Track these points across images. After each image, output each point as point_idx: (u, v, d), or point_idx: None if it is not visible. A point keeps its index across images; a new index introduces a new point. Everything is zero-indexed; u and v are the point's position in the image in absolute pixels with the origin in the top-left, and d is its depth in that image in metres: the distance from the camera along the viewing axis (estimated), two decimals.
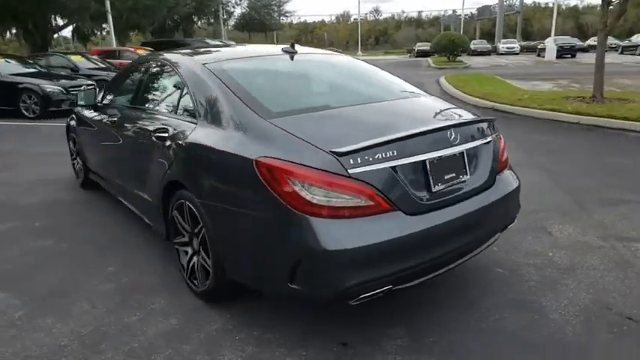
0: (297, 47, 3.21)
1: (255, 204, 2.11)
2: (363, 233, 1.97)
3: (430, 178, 2.20)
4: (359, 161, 2.01)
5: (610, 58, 29.08)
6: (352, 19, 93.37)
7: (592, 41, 37.25)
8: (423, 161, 2.18)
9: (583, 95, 9.85)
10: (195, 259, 2.67)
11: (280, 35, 44.26)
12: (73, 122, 4.72)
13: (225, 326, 2.44)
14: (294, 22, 42.24)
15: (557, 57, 26.73)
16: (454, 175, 2.33)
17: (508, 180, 2.66)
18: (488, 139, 2.55)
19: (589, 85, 12.62)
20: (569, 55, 27.72)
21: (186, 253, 2.75)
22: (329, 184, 1.96)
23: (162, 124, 2.84)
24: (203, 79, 2.67)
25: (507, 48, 35.99)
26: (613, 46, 35.01)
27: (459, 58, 24.87)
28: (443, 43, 23.92)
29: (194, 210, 2.48)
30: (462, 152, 2.36)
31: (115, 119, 3.50)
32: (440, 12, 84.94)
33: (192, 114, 2.64)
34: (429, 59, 29.46)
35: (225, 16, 30.06)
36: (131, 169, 3.32)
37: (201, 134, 2.47)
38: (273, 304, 2.59)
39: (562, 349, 2.21)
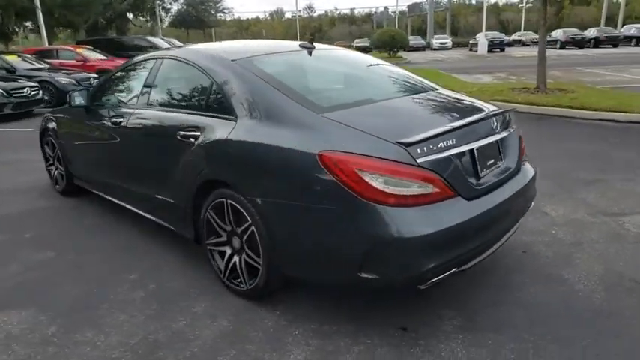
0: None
1: (320, 197, 2.13)
2: (433, 219, 2.06)
3: (477, 164, 2.33)
4: (425, 151, 2.09)
5: (533, 52, 31.47)
6: (286, 15, 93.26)
7: (516, 36, 39.94)
8: (472, 149, 2.30)
9: (527, 86, 10.57)
10: (235, 258, 2.63)
11: (218, 32, 43.28)
12: (52, 125, 4.40)
13: (279, 322, 2.44)
14: (228, 19, 41.49)
15: (488, 51, 28.35)
16: (493, 161, 2.48)
17: (528, 167, 2.87)
18: (514, 128, 2.73)
19: (524, 77, 13.60)
20: (499, 50, 29.50)
21: (223, 253, 2.70)
22: (400, 173, 2.03)
23: (190, 123, 2.75)
24: (238, 76, 2.63)
25: (440, 43, 37.63)
26: (535, 41, 37.68)
27: (398, 54, 25.70)
28: (384, 39, 24.61)
29: (240, 208, 2.45)
30: (498, 140, 2.52)
31: (120, 120, 3.32)
32: (371, 9, 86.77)
33: (226, 111, 2.58)
34: (369, 55, 30.11)
35: (162, 13, 28.95)
36: (145, 171, 3.17)
37: (247, 131, 2.43)
38: (314, 297, 2.62)
39: (595, 316, 2.43)
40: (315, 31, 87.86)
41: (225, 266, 2.69)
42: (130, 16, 23.56)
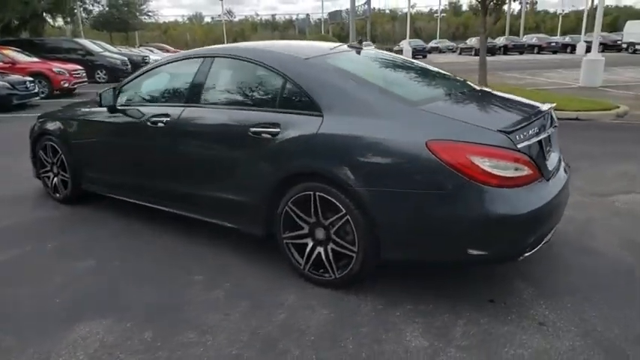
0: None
1: (428, 182, 2.29)
2: (532, 198, 2.31)
3: (544, 151, 2.63)
4: (521, 137, 2.33)
5: (452, 58, 33.87)
6: (205, 20, 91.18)
7: (433, 44, 42.48)
8: (541, 139, 2.59)
9: None
10: (319, 249, 2.70)
11: (142, 35, 41.12)
12: (53, 127, 4.08)
13: (376, 307, 2.55)
14: (153, 22, 39.39)
15: (412, 57, 30.01)
16: (549, 149, 2.80)
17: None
18: (557, 125, 3.06)
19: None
20: (421, 56, 31.29)
21: (304, 245, 2.75)
22: (505, 157, 2.25)
23: (265, 120, 2.76)
24: (319, 73, 2.71)
25: None
26: (450, 47, 40.50)
27: None
28: None
29: (332, 199, 2.53)
30: (551, 134, 2.84)
31: (164, 119, 3.20)
32: (292, 15, 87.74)
33: (309, 107, 2.64)
34: None
35: (84, 15, 26.87)
36: (202, 171, 3.10)
37: (340, 125, 2.51)
38: (396, 280, 2.76)
39: (632, 276, 2.83)
40: (237, 35, 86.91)
41: (307, 258, 2.74)
42: (48, 16, 21.69)
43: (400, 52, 32.53)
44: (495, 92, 3.24)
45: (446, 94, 2.84)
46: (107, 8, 30.98)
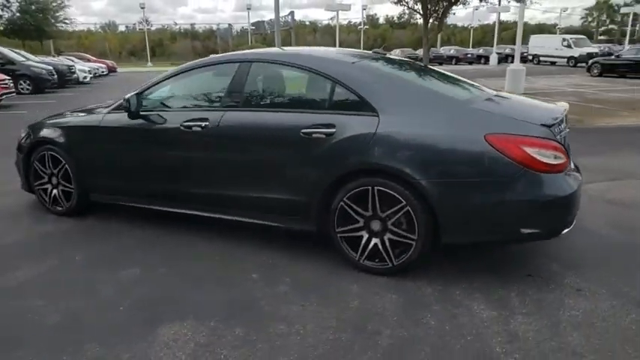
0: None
1: (487, 170, 2.59)
2: (570, 182, 2.70)
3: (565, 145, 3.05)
4: (557, 131, 2.72)
5: None
6: (120, 29, 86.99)
7: None
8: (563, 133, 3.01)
9: None
10: (375, 240, 2.90)
11: (58, 44, 38.12)
12: (55, 136, 3.87)
13: (436, 288, 2.79)
14: (62, 29, 36.43)
15: None
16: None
17: None
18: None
19: None
20: None
21: (359, 238, 2.93)
22: (549, 147, 2.61)
23: (317, 121, 2.91)
24: (370, 76, 2.94)
25: None
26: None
27: None
28: None
29: (391, 192, 2.75)
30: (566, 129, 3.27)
31: (206, 124, 3.22)
32: (212, 25, 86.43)
33: (363, 108, 2.84)
34: None
35: None
36: (248, 173, 3.16)
37: (397, 123, 2.75)
38: (440, 265, 3.03)
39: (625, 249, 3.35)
40: (155, 45, 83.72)
41: (363, 250, 2.93)
42: None
43: None
44: (512, 95, 3.63)
45: (480, 94, 3.17)
46: (18, 14, 28.43)
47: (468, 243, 2.86)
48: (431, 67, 4.07)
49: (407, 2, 11.76)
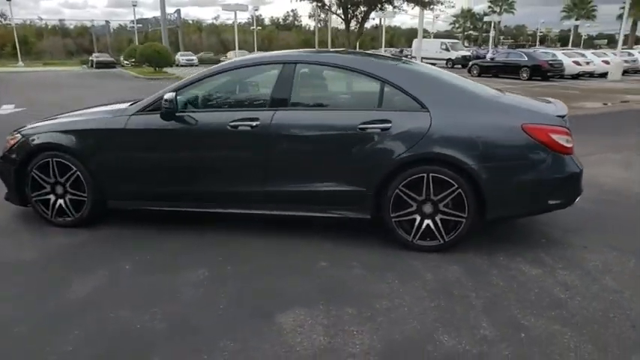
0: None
1: (524, 154, 3.13)
2: (578, 161, 3.35)
3: None
4: (566, 120, 3.36)
5: None
6: None
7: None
8: None
9: None
10: (427, 221, 3.29)
11: None
12: (66, 140, 3.58)
13: (482, 257, 3.26)
14: None
15: None
16: None
17: None
18: None
19: None
20: None
21: (413, 221, 3.30)
22: (566, 133, 3.24)
23: (371, 118, 3.20)
24: (415, 77, 3.33)
25: (187, 60, 38.24)
26: None
27: (164, 70, 25.21)
28: (148, 53, 23.73)
29: (444, 177, 3.16)
30: None
31: (257, 123, 3.30)
32: (84, 21, 79.32)
33: (412, 104, 3.21)
34: (127, 70, 28.38)
35: None
36: (308, 168, 3.33)
37: (447, 117, 3.16)
38: (470, 239, 3.54)
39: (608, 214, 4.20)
40: (19, 42, 74.63)
41: (416, 231, 3.30)
42: None
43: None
44: (514, 94, 4.22)
45: (493, 92, 3.71)
46: None
47: (507, 217, 3.40)
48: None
49: (328, 7, 12.33)
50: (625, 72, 23.66)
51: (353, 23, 12.33)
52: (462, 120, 3.19)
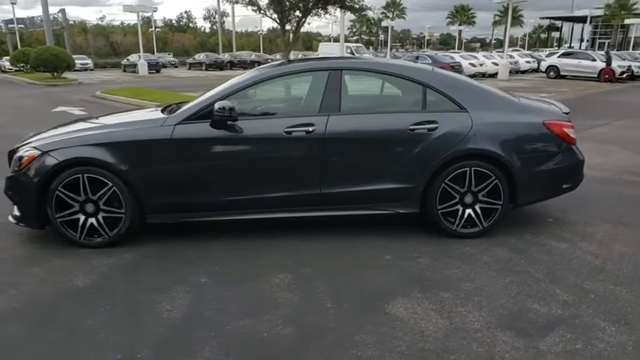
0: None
1: (546, 147, 3.67)
2: (580, 150, 3.97)
3: None
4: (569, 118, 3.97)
5: (188, 73, 33.96)
6: None
7: (153, 58, 41.52)
8: None
9: None
10: (468, 211, 3.67)
11: None
12: (98, 154, 3.35)
13: (516, 240, 3.72)
14: None
15: (147, 72, 29.17)
16: None
17: None
18: None
19: None
20: (155, 71, 30.82)
21: (456, 211, 3.66)
22: (571, 127, 3.82)
23: (420, 119, 3.51)
24: (451, 80, 3.68)
25: (82, 64, 35.14)
26: (173, 62, 40.83)
27: (63, 75, 22.90)
28: (45, 57, 21.38)
29: (484, 170, 3.56)
30: None
31: (313, 129, 3.40)
32: None
33: (452, 106, 3.57)
34: (18, 77, 25.27)
35: None
36: (364, 169, 3.51)
37: (485, 117, 3.56)
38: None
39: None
40: None
41: (459, 221, 3.67)
42: None
43: (132, 66, 31.10)
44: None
45: (506, 92, 4.20)
46: None
47: (532, 202, 3.90)
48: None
49: (264, 10, 12.36)
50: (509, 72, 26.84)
51: (288, 27, 12.52)
52: (496, 119, 3.62)
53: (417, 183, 3.59)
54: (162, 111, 3.82)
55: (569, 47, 58.52)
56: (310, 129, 3.45)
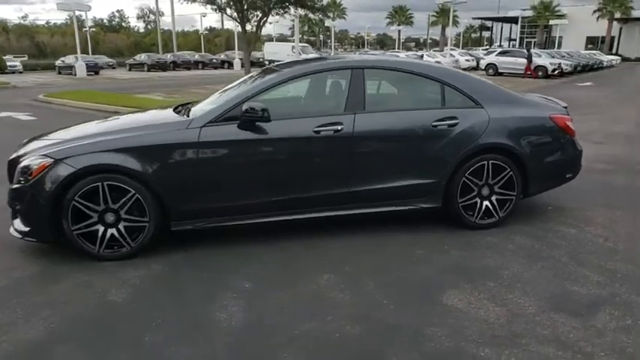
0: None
1: (553, 139, 3.90)
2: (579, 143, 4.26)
3: None
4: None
5: (129, 74, 32.23)
6: None
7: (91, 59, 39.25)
8: None
9: None
10: (485, 203, 3.83)
11: None
12: (120, 160, 3.15)
13: (530, 228, 3.92)
14: None
15: (86, 74, 27.53)
16: None
17: None
18: None
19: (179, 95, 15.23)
20: (94, 72, 29.15)
21: (475, 204, 3.81)
22: (570, 120, 4.09)
23: (442, 115, 3.62)
24: (465, 78, 3.84)
25: (11, 66, 32.53)
26: (110, 64, 38.81)
27: None
28: None
29: (500, 163, 3.73)
30: None
31: (341, 127, 3.39)
32: None
33: (469, 103, 3.71)
34: None
35: None
36: (391, 166, 3.55)
37: (499, 112, 3.73)
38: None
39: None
40: None
41: (478, 212, 3.82)
42: None
43: (68, 67, 29.22)
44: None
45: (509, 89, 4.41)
46: None
47: (540, 191, 4.12)
48: None
49: (223, 9, 12.04)
50: None
51: (249, 27, 12.32)
52: (509, 114, 3.81)
53: (440, 178, 3.69)
54: (179, 112, 3.66)
55: (499, 46, 62.20)
56: (339, 127, 3.45)
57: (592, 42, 49.36)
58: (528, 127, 3.86)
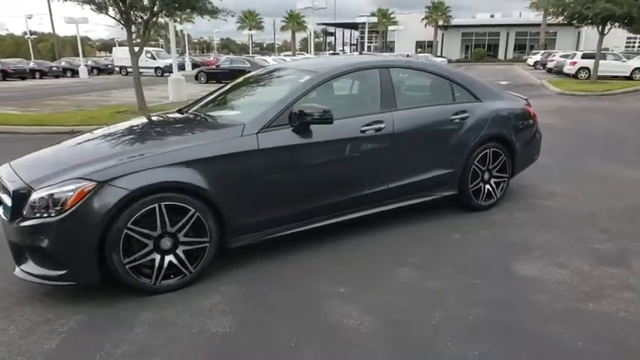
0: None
1: (528, 125, 4.59)
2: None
3: None
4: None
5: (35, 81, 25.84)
6: None
7: None
8: None
9: (129, 109, 11.38)
10: (487, 187, 4.33)
11: None
12: (177, 177, 2.79)
13: (524, 206, 4.54)
14: None
15: None
16: None
17: None
18: None
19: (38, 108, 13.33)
20: None
21: (480, 189, 4.27)
22: (531, 108, 4.84)
23: (457, 109, 4.00)
24: (466, 77, 4.22)
25: None
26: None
27: None
28: None
29: (498, 150, 4.27)
30: None
31: (382, 126, 3.50)
32: None
33: (474, 98, 4.16)
34: None
35: None
36: (420, 160, 3.78)
37: (493, 106, 4.25)
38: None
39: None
40: None
41: (482, 196, 4.30)
42: None
43: None
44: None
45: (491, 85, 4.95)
46: None
47: (519, 171, 4.75)
48: None
49: (105, 9, 10.65)
50: None
51: (134, 28, 11.21)
52: (500, 106, 4.37)
53: (457, 167, 4.06)
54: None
55: (342, 50, 66.91)
56: (381, 126, 3.57)
57: (420, 46, 56.19)
58: (515, 116, 4.47)
